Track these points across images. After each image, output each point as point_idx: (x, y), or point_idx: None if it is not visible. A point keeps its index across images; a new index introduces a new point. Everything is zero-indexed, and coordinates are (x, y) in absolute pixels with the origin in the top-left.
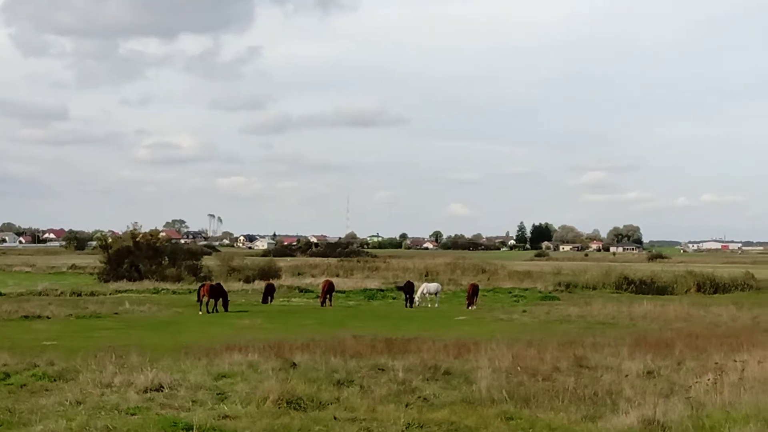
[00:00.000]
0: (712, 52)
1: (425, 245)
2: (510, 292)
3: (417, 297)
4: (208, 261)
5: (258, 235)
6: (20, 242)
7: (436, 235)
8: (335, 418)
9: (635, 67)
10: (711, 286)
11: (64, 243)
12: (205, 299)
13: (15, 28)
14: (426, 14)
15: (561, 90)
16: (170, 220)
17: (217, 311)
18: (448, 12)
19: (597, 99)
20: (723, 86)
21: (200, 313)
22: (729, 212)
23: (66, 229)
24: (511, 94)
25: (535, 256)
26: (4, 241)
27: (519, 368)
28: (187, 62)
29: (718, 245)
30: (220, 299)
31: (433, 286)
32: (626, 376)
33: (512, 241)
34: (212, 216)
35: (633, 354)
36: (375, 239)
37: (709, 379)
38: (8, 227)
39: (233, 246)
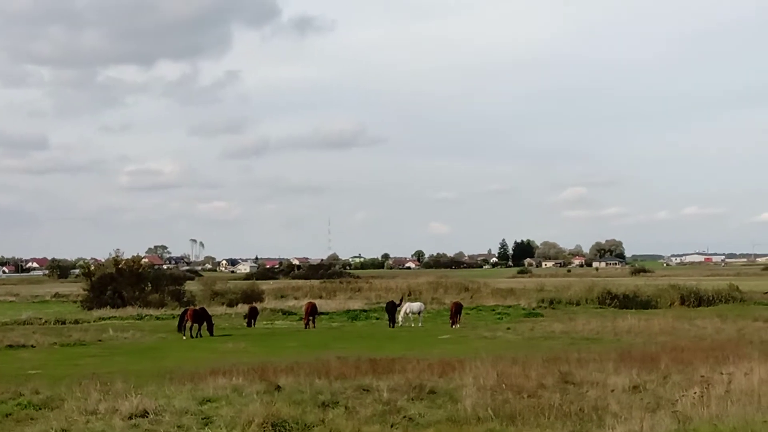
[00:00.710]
0: (691, 67)
1: (407, 265)
2: (493, 310)
3: (400, 317)
4: (191, 286)
5: (240, 259)
6: (3, 272)
7: (418, 255)
8: None
9: (613, 82)
10: (695, 299)
11: (47, 272)
12: (188, 324)
13: None
14: (401, 34)
15: (539, 106)
16: (152, 246)
17: (201, 336)
18: (423, 32)
19: (575, 115)
20: (702, 101)
21: (184, 338)
22: (711, 225)
23: (49, 258)
24: (488, 112)
25: (518, 273)
26: None
27: (504, 386)
28: (165, 88)
29: (701, 258)
30: (204, 323)
31: (416, 306)
32: (612, 391)
33: (494, 259)
34: (194, 241)
35: (618, 369)
36: (357, 260)
37: (695, 393)
38: None
39: (216, 270)
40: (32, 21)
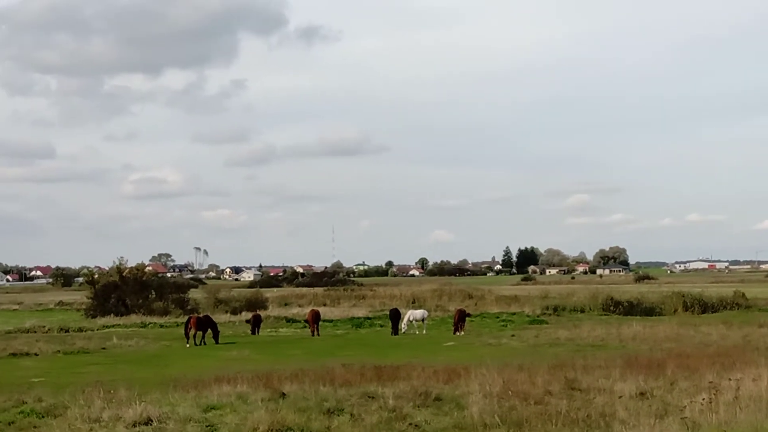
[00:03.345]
0: (693, 73)
1: (411, 272)
2: (498, 317)
3: (403, 324)
4: (194, 294)
5: (244, 267)
6: (7, 280)
7: (422, 262)
8: None
9: (617, 89)
10: (699, 306)
11: (50, 280)
12: (192, 332)
13: None
14: (405, 43)
15: (542, 113)
16: (156, 254)
17: (205, 343)
18: (427, 40)
19: (579, 122)
20: (706, 108)
21: (188, 345)
22: (715, 232)
23: (53, 266)
24: (491, 119)
25: (522, 280)
26: None
27: (510, 392)
28: (171, 97)
29: (705, 265)
30: (209, 331)
31: (419, 313)
32: (619, 397)
33: (498, 266)
34: (198, 249)
35: (624, 375)
36: (361, 268)
37: (703, 399)
38: None
39: (220, 278)
40: (39, 29)
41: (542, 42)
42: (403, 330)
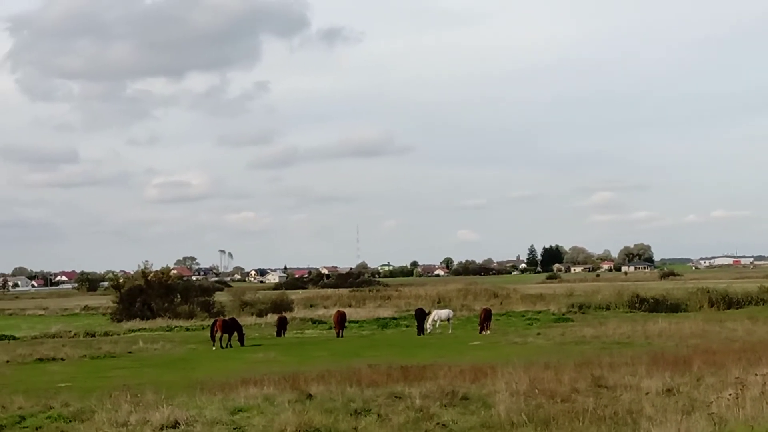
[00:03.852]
0: (719, 70)
1: (436, 272)
2: (523, 316)
3: (428, 324)
4: (220, 297)
5: (269, 269)
6: (33, 286)
7: (447, 262)
8: None
9: (640, 86)
10: (724, 302)
11: (76, 285)
12: (218, 335)
13: (21, 74)
14: (427, 43)
15: (565, 111)
16: (181, 258)
17: (231, 346)
18: (449, 40)
19: (602, 120)
20: (729, 103)
21: (214, 348)
22: (740, 227)
23: (78, 271)
24: (515, 118)
25: (547, 278)
26: (16, 285)
27: (537, 391)
28: (194, 100)
29: (730, 261)
30: (234, 334)
31: (444, 313)
32: (646, 394)
33: (523, 265)
34: (223, 252)
35: (651, 372)
36: (386, 268)
37: (730, 394)
38: (20, 271)
39: (245, 281)
40: (61, 35)
41: (565, 40)
42: (428, 330)
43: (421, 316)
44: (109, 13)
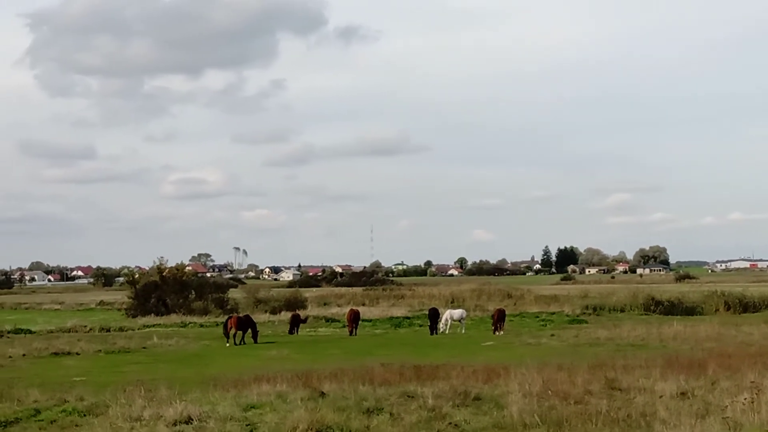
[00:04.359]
0: (735, 70)
1: (450, 272)
2: (537, 317)
3: (441, 324)
4: (234, 293)
5: (283, 267)
6: (49, 280)
7: (461, 262)
8: None
9: (657, 86)
10: (740, 306)
11: (92, 280)
12: (232, 331)
13: (40, 70)
14: (444, 42)
15: (581, 112)
16: (196, 254)
17: (244, 343)
18: (465, 40)
19: (619, 120)
20: (747, 104)
21: (228, 345)
22: (757, 230)
23: (93, 266)
24: (530, 119)
25: (561, 279)
26: (33, 279)
27: (550, 392)
28: (211, 97)
29: (747, 264)
30: (249, 330)
31: (457, 313)
32: (660, 397)
33: (537, 266)
34: (237, 249)
35: (665, 375)
36: (400, 267)
37: (745, 399)
38: (37, 266)
39: (259, 278)
40: (80, 32)
41: (580, 40)
42: (441, 330)
43: (434, 315)
44: (128, 10)
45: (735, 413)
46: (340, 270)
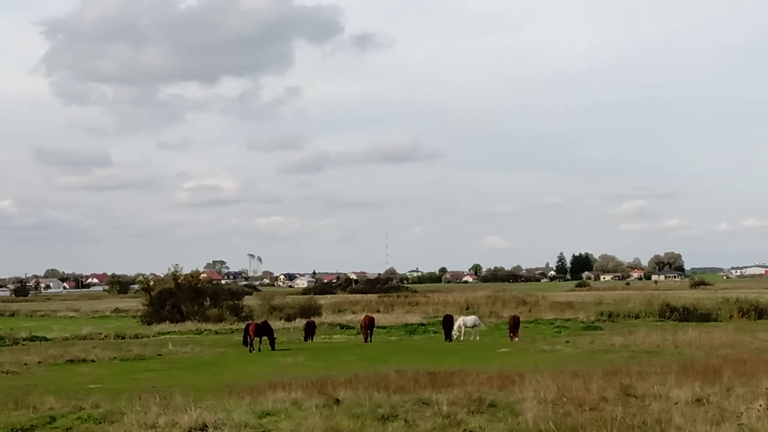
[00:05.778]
0: (750, 77)
1: (465, 278)
2: (552, 323)
3: (454, 331)
4: (249, 301)
5: (298, 274)
6: (64, 288)
7: (476, 268)
8: None
9: (671, 93)
10: (756, 312)
11: (107, 287)
12: (254, 339)
13: (56, 77)
14: (458, 49)
15: (596, 118)
16: (211, 261)
17: (260, 350)
18: (479, 46)
19: (634, 127)
20: (761, 110)
21: (252, 352)
22: None
23: (109, 274)
24: (545, 125)
25: (576, 286)
26: (48, 287)
27: (565, 399)
28: (226, 105)
29: (762, 270)
30: (265, 337)
31: (470, 320)
32: (675, 404)
33: (552, 272)
34: (252, 256)
35: (680, 382)
36: (414, 274)
37: (760, 405)
38: (52, 273)
39: (273, 285)
40: (95, 39)
41: (595, 47)
42: (454, 336)
43: (449, 322)
44: (143, 18)
45: (750, 420)
46: (354, 277)
